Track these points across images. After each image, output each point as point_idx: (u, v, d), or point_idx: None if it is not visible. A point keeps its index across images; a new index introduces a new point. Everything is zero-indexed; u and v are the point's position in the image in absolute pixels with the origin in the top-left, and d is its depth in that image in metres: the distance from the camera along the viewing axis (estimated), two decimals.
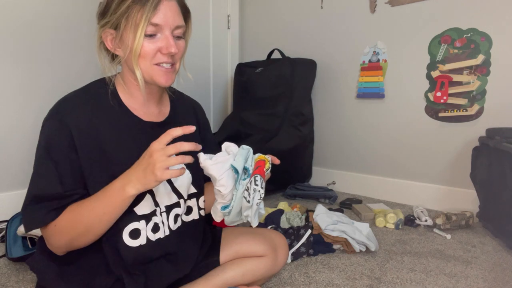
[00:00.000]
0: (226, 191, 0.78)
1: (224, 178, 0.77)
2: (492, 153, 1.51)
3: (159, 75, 0.81)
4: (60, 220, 0.75)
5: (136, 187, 0.72)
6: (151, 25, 0.76)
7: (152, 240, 0.83)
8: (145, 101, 0.87)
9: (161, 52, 0.79)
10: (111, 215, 0.75)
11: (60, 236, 0.76)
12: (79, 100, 0.81)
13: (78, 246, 0.78)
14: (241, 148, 0.82)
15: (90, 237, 0.76)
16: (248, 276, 0.99)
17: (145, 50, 0.78)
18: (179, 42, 0.82)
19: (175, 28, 0.80)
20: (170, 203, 0.87)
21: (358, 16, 2.06)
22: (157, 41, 0.78)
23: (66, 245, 0.77)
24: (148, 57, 0.79)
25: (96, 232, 0.76)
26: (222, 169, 0.77)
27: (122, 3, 0.76)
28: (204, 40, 2.44)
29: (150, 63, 0.79)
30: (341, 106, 2.19)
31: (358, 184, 2.16)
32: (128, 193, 0.72)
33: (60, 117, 0.77)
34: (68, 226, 0.75)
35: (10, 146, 1.60)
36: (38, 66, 1.66)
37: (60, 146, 0.76)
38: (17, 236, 1.31)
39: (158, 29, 0.78)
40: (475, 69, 1.71)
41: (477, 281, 1.16)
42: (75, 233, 0.75)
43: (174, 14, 0.79)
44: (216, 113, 2.59)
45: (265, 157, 0.84)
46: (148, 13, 0.75)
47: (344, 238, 1.36)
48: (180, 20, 0.81)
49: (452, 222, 1.56)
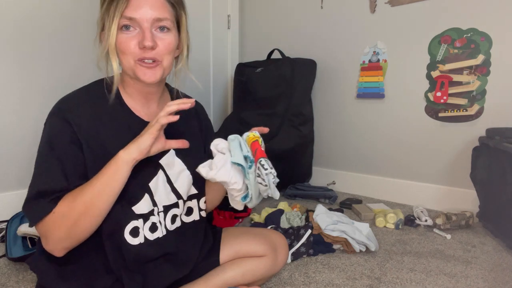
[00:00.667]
0: (240, 186, 0.78)
1: (233, 177, 0.77)
2: (492, 153, 1.51)
3: (140, 70, 0.78)
4: (59, 206, 0.74)
5: (129, 151, 0.74)
6: (125, 18, 0.75)
7: (150, 239, 0.83)
8: (145, 102, 0.87)
9: (138, 46, 0.77)
10: (108, 187, 0.74)
11: (60, 223, 0.73)
12: (80, 99, 0.81)
13: (79, 236, 0.75)
14: (230, 141, 0.80)
15: (90, 220, 0.74)
16: (248, 276, 0.99)
17: (122, 44, 0.76)
18: (162, 36, 0.79)
19: (155, 21, 0.77)
20: (169, 203, 0.87)
21: (358, 16, 2.06)
22: (135, 35, 0.77)
23: (66, 235, 0.74)
24: (127, 52, 0.77)
25: (95, 211, 0.74)
26: (227, 171, 0.77)
27: (104, 4, 0.77)
28: (204, 40, 2.44)
29: (132, 59, 0.78)
30: (341, 106, 2.19)
31: (358, 184, 2.16)
32: (122, 158, 0.73)
33: (63, 115, 0.77)
34: (67, 209, 0.73)
35: (10, 146, 1.60)
36: (38, 66, 1.65)
37: (63, 141, 0.76)
38: (17, 236, 1.31)
39: (133, 22, 0.76)
40: (475, 69, 1.71)
41: (477, 281, 1.16)
42: (75, 215, 0.72)
43: (153, 6, 0.76)
44: (216, 113, 2.59)
45: (254, 135, 0.82)
46: (120, 6, 0.74)
47: (344, 238, 1.36)
48: (162, 12, 0.77)
49: (452, 222, 1.56)
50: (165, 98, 0.93)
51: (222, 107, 2.64)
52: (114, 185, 0.74)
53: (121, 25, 0.76)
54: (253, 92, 2.20)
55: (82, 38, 1.75)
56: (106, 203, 0.75)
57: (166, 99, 0.94)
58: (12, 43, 1.57)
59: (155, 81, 0.80)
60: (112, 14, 0.75)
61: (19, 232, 1.29)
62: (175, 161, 0.89)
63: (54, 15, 1.68)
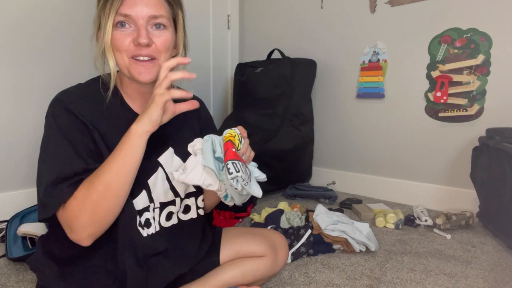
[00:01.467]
0: (215, 188, 0.76)
1: (206, 180, 0.75)
2: (492, 153, 1.51)
3: (135, 69, 0.77)
4: (79, 190, 0.72)
5: (142, 124, 0.73)
6: (120, 15, 0.75)
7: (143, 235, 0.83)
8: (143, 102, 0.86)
9: (133, 43, 0.76)
10: (126, 163, 0.72)
11: (82, 207, 0.71)
12: (80, 93, 0.81)
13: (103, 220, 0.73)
14: (204, 141, 0.77)
15: (112, 200, 0.72)
16: (248, 276, 0.99)
17: (117, 41, 0.76)
18: (158, 33, 0.78)
19: (150, 18, 0.77)
20: (166, 201, 0.87)
21: (358, 16, 2.06)
22: (130, 32, 0.76)
23: (90, 219, 0.71)
24: (122, 49, 0.76)
25: (115, 190, 0.72)
26: (198, 174, 0.75)
27: (100, 2, 0.77)
28: (204, 40, 2.44)
29: (126, 57, 0.77)
30: (341, 106, 2.19)
31: (358, 184, 2.16)
32: (135, 131, 0.72)
33: (64, 105, 0.76)
34: (86, 191, 0.71)
35: (9, 146, 1.60)
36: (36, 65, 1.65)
37: (72, 127, 0.75)
38: (17, 236, 1.31)
39: (129, 19, 0.76)
40: (475, 69, 1.71)
41: (477, 281, 1.16)
42: (96, 196, 0.70)
43: (148, 4, 0.76)
44: (216, 113, 2.59)
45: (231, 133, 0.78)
46: (115, 3, 0.74)
47: (344, 238, 1.36)
48: (157, 9, 0.77)
49: (452, 222, 1.56)
50: None
51: (222, 107, 2.64)
52: (132, 160, 0.73)
53: (116, 22, 0.75)
54: (253, 92, 2.20)
55: (79, 37, 1.75)
56: (126, 180, 0.73)
57: None
58: (9, 43, 1.57)
59: (150, 79, 0.79)
60: (107, 12, 0.75)
61: (19, 232, 1.29)
62: (174, 159, 0.89)
63: (51, 14, 1.68)
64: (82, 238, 0.73)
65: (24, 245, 1.28)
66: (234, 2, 2.57)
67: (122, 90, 0.86)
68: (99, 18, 0.78)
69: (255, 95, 2.19)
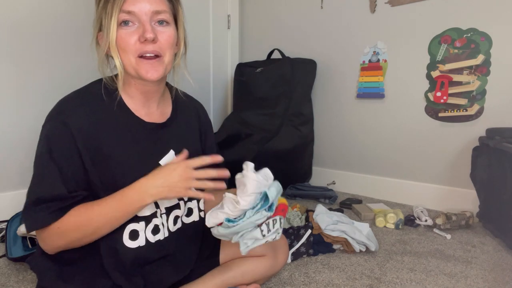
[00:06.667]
0: (244, 207, 0.78)
1: (253, 196, 0.78)
2: (492, 153, 1.51)
3: (142, 67, 0.77)
4: (66, 223, 0.74)
5: (154, 198, 0.75)
6: (124, 13, 0.74)
7: (152, 241, 0.83)
8: (145, 102, 0.85)
9: (139, 40, 0.75)
10: (122, 219, 0.76)
11: (63, 237, 0.75)
12: (80, 100, 0.80)
13: (77, 246, 0.78)
14: (277, 183, 0.82)
15: (94, 238, 0.77)
16: (248, 276, 0.99)
17: (122, 40, 0.75)
18: (162, 29, 0.78)
19: (153, 14, 0.76)
20: (170, 205, 0.87)
21: (358, 16, 2.06)
22: (135, 30, 0.76)
23: (66, 245, 0.77)
24: (128, 49, 0.76)
25: (102, 233, 0.77)
26: (257, 188, 0.78)
27: (100, 2, 0.76)
28: (204, 40, 2.44)
29: (133, 56, 0.76)
30: (341, 106, 2.19)
31: (358, 184, 2.16)
32: (145, 202, 0.74)
33: (62, 119, 0.76)
34: (75, 229, 0.74)
35: (10, 146, 1.60)
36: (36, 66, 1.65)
37: (62, 148, 0.75)
38: (17, 236, 1.31)
39: (132, 16, 0.75)
40: (475, 69, 1.71)
41: (477, 281, 1.16)
42: (81, 235, 0.75)
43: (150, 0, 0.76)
44: (216, 113, 2.59)
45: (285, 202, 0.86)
46: (118, 1, 0.73)
47: (344, 238, 1.36)
48: (160, 4, 0.77)
49: (452, 222, 1.56)
50: (165, 97, 0.92)
51: (222, 107, 2.64)
52: (127, 216, 0.76)
53: (120, 21, 0.75)
54: (253, 92, 2.20)
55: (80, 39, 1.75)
56: (115, 227, 0.77)
57: (166, 98, 0.93)
58: (10, 44, 1.57)
59: (158, 77, 0.79)
60: (110, 11, 0.74)
61: (19, 232, 1.29)
62: None
63: (52, 16, 1.68)
64: (50, 251, 0.78)
65: (24, 245, 1.28)
66: (234, 2, 2.56)
67: (123, 91, 0.84)
68: (99, 18, 0.77)
69: (255, 95, 2.19)
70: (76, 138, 0.75)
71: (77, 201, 0.76)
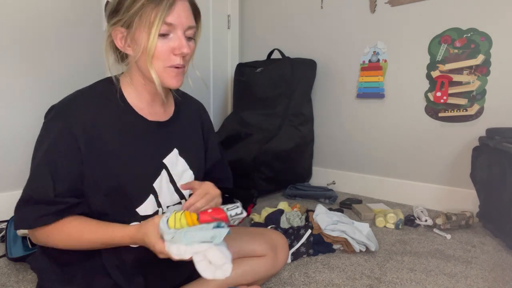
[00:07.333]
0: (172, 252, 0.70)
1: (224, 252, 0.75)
2: (492, 153, 1.51)
3: (171, 76, 0.79)
4: (57, 233, 0.76)
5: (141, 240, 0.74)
6: (165, 25, 0.75)
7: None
8: (151, 101, 0.86)
9: (173, 52, 0.77)
10: (108, 246, 0.78)
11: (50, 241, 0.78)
12: (84, 99, 0.80)
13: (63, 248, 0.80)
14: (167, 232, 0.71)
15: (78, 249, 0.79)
16: (248, 276, 0.99)
17: (159, 51, 0.76)
18: (190, 43, 0.81)
19: (187, 29, 0.78)
20: (172, 204, 0.87)
21: (358, 16, 2.06)
22: (169, 41, 0.77)
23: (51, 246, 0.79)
24: (161, 58, 0.77)
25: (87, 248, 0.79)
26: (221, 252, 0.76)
27: (136, 1, 0.75)
28: (204, 40, 2.44)
29: (163, 65, 0.78)
30: (341, 106, 2.19)
31: (358, 184, 2.16)
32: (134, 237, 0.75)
33: (64, 118, 0.76)
34: (63, 239, 0.77)
35: (10, 146, 1.60)
36: (39, 66, 1.66)
37: (60, 151, 0.75)
38: (17, 236, 1.31)
39: (171, 29, 0.76)
40: (475, 69, 1.71)
41: (477, 281, 1.16)
42: (67, 246, 0.78)
43: (187, 14, 0.78)
44: (216, 113, 2.59)
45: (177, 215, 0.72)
46: (163, 12, 0.73)
47: (344, 238, 1.36)
48: (192, 20, 0.80)
49: (452, 222, 1.56)
50: (169, 98, 0.93)
51: (222, 107, 2.64)
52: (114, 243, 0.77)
53: (161, 32, 0.75)
54: (253, 92, 2.20)
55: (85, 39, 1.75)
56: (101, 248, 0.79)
57: (169, 99, 0.94)
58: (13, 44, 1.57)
59: (179, 86, 0.82)
60: (151, 19, 0.74)
61: (19, 232, 1.29)
62: (179, 160, 0.89)
63: (56, 15, 1.68)
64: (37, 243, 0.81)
65: (24, 245, 1.28)
66: (234, 2, 2.57)
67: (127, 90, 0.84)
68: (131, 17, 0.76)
69: (255, 95, 2.20)
70: (78, 137, 0.75)
71: (62, 209, 0.75)
